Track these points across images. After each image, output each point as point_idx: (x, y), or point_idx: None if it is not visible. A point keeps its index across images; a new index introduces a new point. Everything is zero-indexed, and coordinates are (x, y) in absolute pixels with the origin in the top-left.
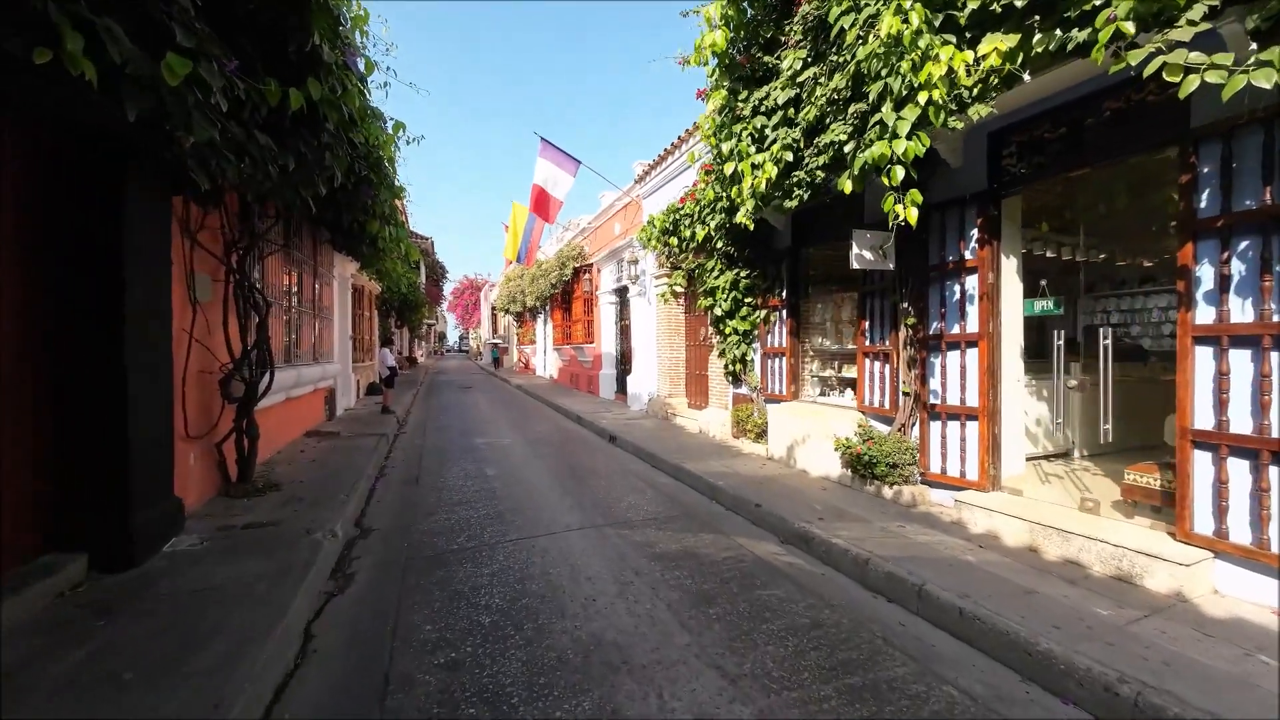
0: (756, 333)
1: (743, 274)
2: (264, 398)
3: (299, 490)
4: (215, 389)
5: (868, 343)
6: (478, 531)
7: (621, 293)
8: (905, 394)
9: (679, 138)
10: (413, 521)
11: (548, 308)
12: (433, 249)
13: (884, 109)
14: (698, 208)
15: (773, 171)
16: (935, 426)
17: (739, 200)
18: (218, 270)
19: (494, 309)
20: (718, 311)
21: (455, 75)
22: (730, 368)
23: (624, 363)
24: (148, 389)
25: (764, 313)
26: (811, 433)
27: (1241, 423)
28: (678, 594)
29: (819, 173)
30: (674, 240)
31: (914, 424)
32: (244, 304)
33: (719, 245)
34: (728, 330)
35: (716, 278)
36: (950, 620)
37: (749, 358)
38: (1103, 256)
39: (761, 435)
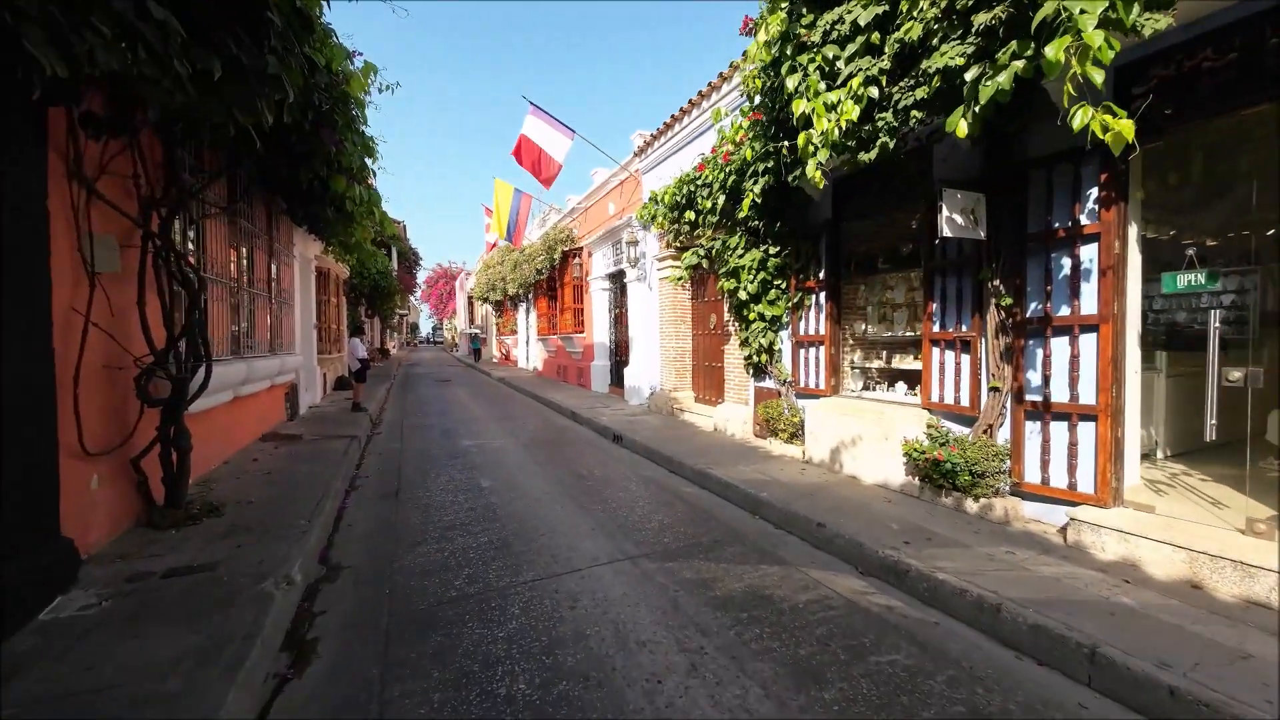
0: (786, 319)
1: (772, 252)
2: (199, 398)
3: (247, 514)
4: (130, 390)
5: (936, 328)
6: (480, 569)
7: (616, 278)
8: (994, 389)
9: (689, 101)
10: (394, 554)
11: (531, 296)
12: (405, 234)
13: None
14: (723, 173)
15: (853, 112)
16: (1033, 427)
17: (804, 153)
18: (131, 234)
19: (470, 298)
20: (742, 295)
21: (418, 42)
22: (754, 358)
23: (619, 354)
24: (11, 389)
25: (797, 296)
26: (864, 434)
27: None
28: (769, 666)
29: (915, 113)
30: (689, 215)
31: (1002, 424)
32: (169, 280)
33: (747, 218)
34: (752, 316)
35: (741, 256)
36: (1156, 700)
37: (777, 347)
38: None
39: (795, 435)
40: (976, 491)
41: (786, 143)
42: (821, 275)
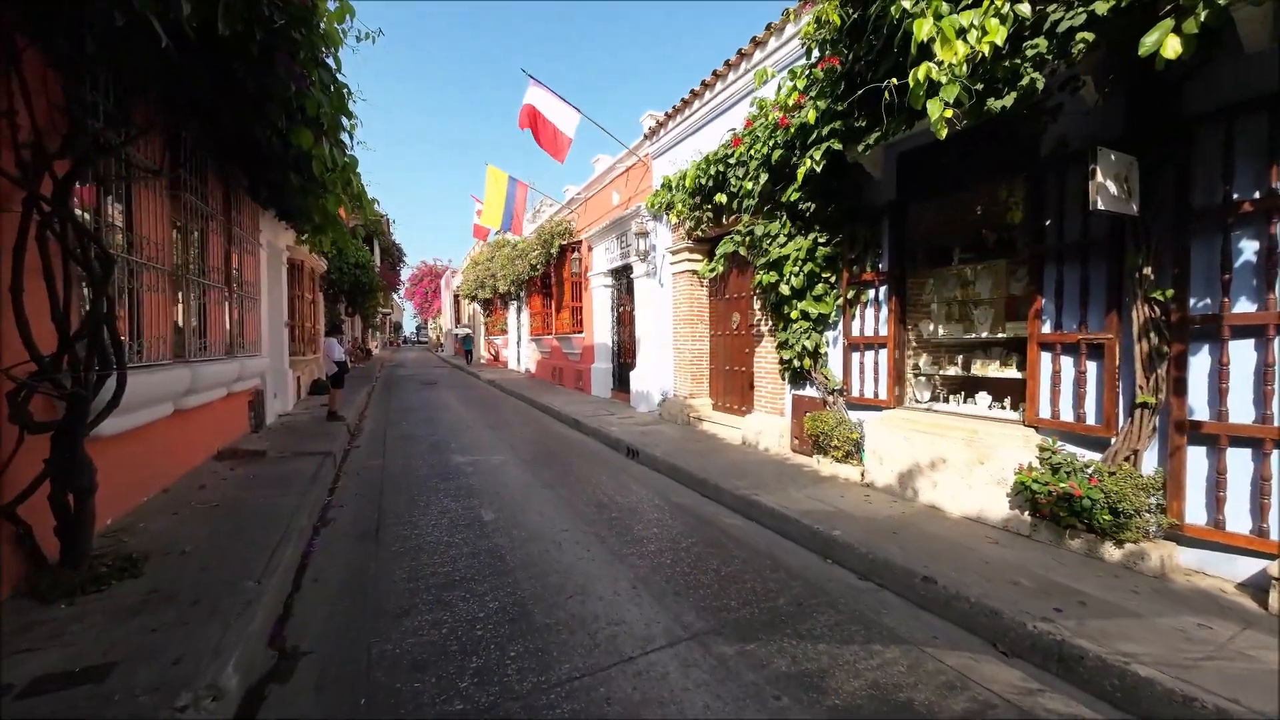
0: (835, 318)
1: (821, 240)
2: (113, 416)
3: (176, 571)
4: (2, 410)
5: (1048, 328)
6: (493, 658)
7: (621, 273)
8: (1142, 405)
9: (714, 73)
10: (374, 629)
11: (523, 294)
12: (389, 228)
13: None
14: (766, 147)
15: (998, 33)
16: (1199, 455)
17: (915, 96)
18: (8, 196)
19: (457, 296)
20: (784, 289)
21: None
22: (794, 363)
23: (622, 356)
24: None
25: (851, 291)
26: (949, 456)
27: None
28: None
29: (1083, 37)
30: (719, 198)
31: (1149, 450)
32: (66, 261)
33: (795, 201)
34: (794, 314)
35: (783, 245)
36: None
37: (822, 350)
38: None
39: (850, 454)
40: (1122, 536)
41: (894, 81)
42: (882, 266)
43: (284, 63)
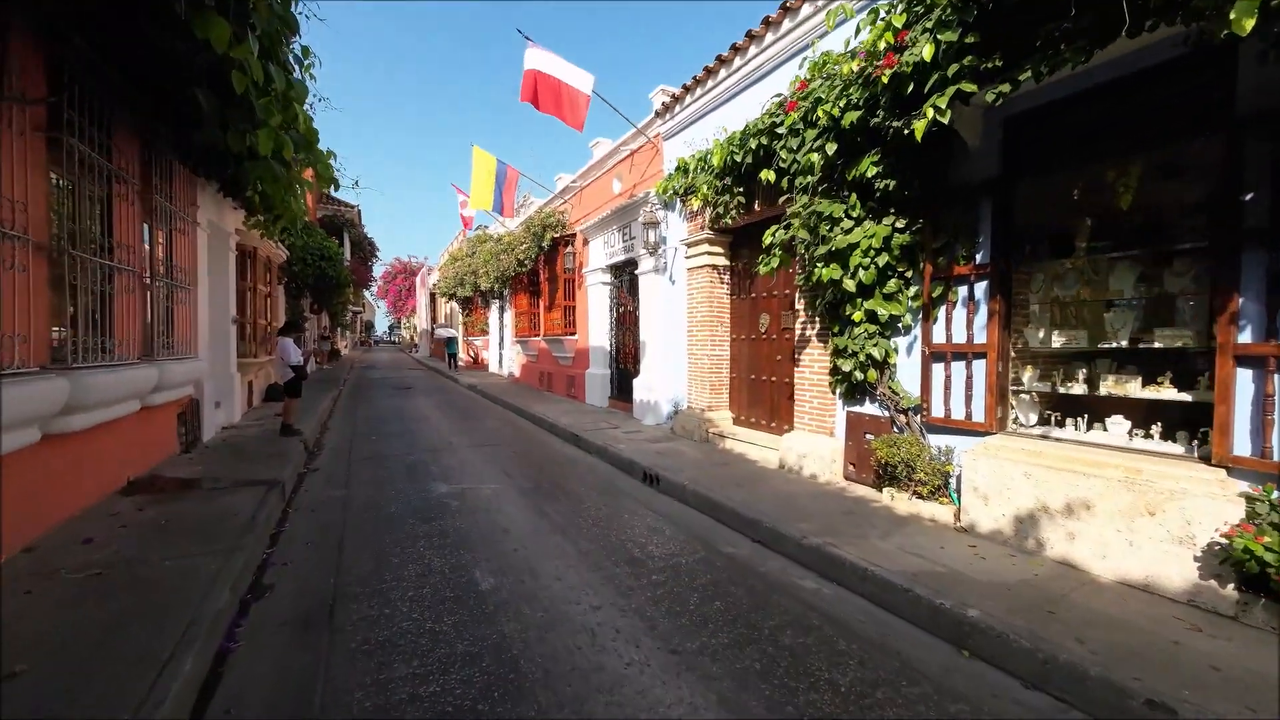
0: (910, 320)
1: (899, 225)
2: None
3: None
4: None
5: (1248, 337)
6: None
7: (623, 269)
8: None
9: (749, 34)
10: None
11: (507, 292)
12: (359, 219)
13: None
14: (837, 108)
15: None
16: None
17: None
18: None
19: (433, 294)
20: (849, 285)
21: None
22: (856, 374)
23: (622, 360)
24: None
25: (937, 288)
26: (1096, 500)
27: None
28: None
29: None
30: (766, 175)
31: None
32: None
33: (873, 178)
34: (857, 316)
35: (848, 232)
36: None
37: (892, 359)
38: None
39: (938, 489)
40: None
41: None
42: (980, 258)
43: None
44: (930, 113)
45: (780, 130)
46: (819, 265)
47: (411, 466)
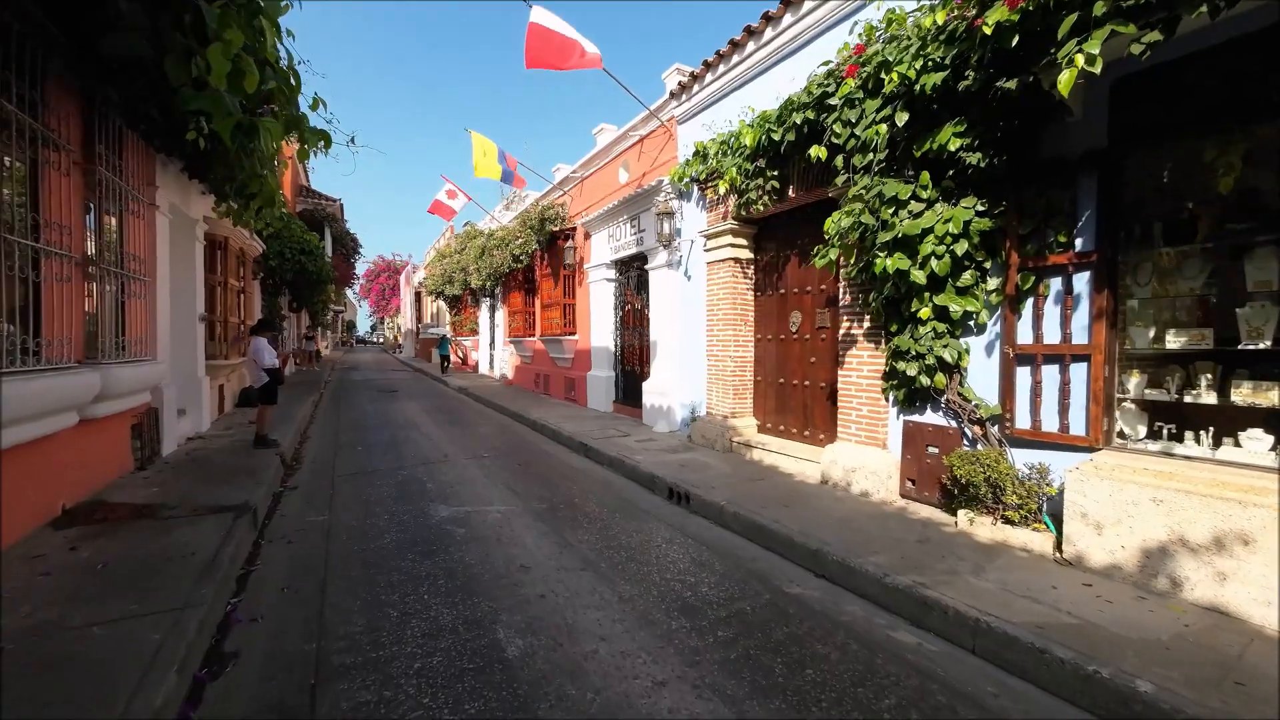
0: (986, 317)
1: (981, 207)
2: None
3: None
4: None
5: None
6: None
7: (628, 265)
8: None
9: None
10: None
11: (499, 290)
12: (342, 214)
13: None
14: (913, 66)
15: None
16: None
17: None
18: None
19: (419, 293)
20: (917, 277)
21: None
22: (921, 379)
23: (627, 362)
24: None
25: (1027, 279)
26: (1257, 536)
27: None
28: None
29: None
30: (816, 152)
31: None
32: None
33: (949, 149)
34: (924, 313)
35: (917, 216)
36: None
37: (964, 361)
38: None
39: (1033, 514)
40: None
41: None
42: (1079, 245)
43: None
44: (1080, 61)
45: (832, 101)
46: (880, 255)
47: (404, 483)
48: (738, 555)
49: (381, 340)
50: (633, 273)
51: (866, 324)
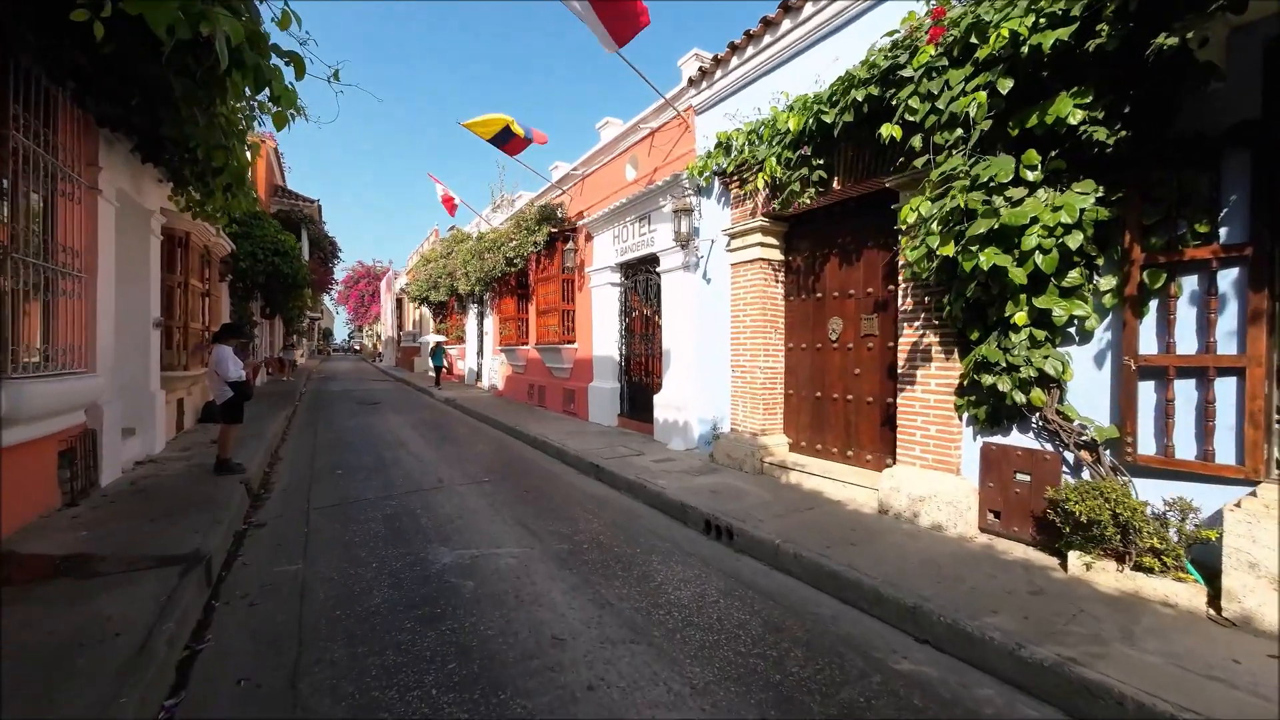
0: (1096, 323)
1: (1099, 193)
2: None
3: None
4: None
5: None
6: None
7: (636, 268)
8: None
9: None
10: None
11: (489, 296)
12: (319, 216)
13: None
14: (1025, 23)
15: None
16: None
17: None
18: None
19: (400, 299)
20: (1016, 276)
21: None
22: (1015, 395)
23: (632, 372)
24: None
25: (1156, 276)
26: None
27: None
28: None
29: None
30: (889, 131)
31: None
32: None
33: (1069, 122)
34: (1020, 316)
35: (1017, 204)
36: None
37: (1066, 376)
38: None
39: (1176, 564)
40: None
41: None
42: (1226, 235)
43: None
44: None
45: (906, 73)
46: (972, 249)
47: (394, 517)
48: (815, 613)
49: (359, 349)
50: (641, 276)
51: (937, 332)
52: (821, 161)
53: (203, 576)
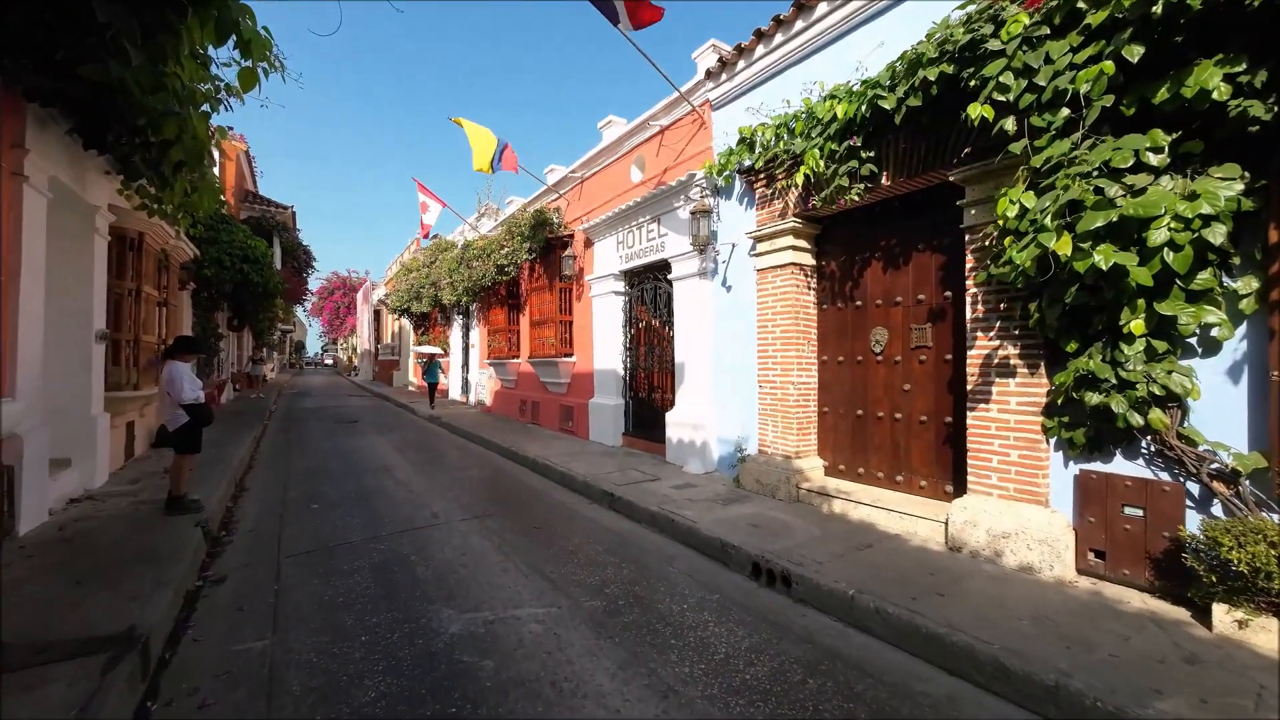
0: (1226, 334)
1: (1243, 181)
2: None
3: None
4: None
5: None
6: None
7: (642, 275)
8: None
9: None
10: None
11: (475, 307)
12: (294, 223)
13: None
14: None
15: None
16: None
17: None
18: None
19: (378, 311)
20: (1140, 277)
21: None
22: (1128, 416)
23: (636, 388)
24: None
25: None
26: None
27: None
28: None
29: None
30: (979, 111)
31: None
32: None
33: (1211, 94)
34: (1136, 324)
35: (1139, 193)
36: None
37: (1192, 394)
38: None
39: None
40: None
41: None
42: None
43: None
44: None
45: (993, 46)
46: (1083, 245)
47: (383, 567)
48: (925, 691)
49: (334, 362)
50: (649, 284)
51: (1017, 342)
52: (872, 154)
53: (137, 667)
